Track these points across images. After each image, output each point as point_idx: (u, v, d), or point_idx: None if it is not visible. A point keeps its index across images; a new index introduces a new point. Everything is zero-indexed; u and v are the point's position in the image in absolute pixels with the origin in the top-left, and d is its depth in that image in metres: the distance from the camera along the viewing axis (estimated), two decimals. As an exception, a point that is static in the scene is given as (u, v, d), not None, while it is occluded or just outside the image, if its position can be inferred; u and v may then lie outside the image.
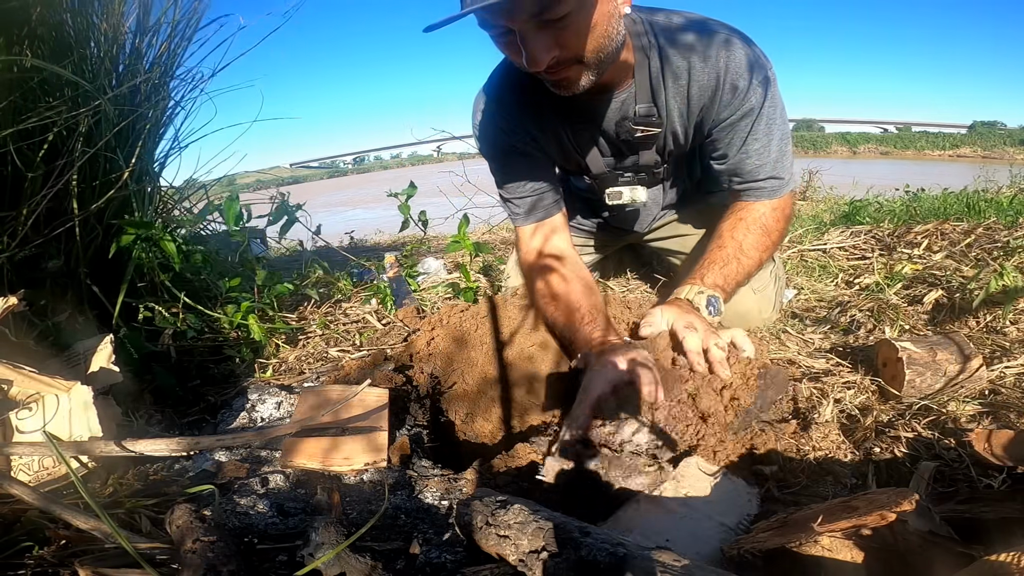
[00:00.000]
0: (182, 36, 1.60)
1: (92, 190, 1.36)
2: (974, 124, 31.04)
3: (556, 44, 0.88)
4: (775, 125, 1.11)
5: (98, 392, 0.92)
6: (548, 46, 0.87)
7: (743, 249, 1.15)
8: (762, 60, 1.06)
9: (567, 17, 0.84)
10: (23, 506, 0.72)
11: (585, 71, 0.94)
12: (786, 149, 1.14)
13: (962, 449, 0.86)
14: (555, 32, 0.86)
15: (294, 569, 0.60)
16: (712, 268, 1.13)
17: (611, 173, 1.29)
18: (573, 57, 0.91)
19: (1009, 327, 1.25)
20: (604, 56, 0.94)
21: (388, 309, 1.62)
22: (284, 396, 1.12)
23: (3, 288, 1.13)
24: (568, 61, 0.91)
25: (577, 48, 0.89)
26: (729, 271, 1.13)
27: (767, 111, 1.08)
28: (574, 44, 0.89)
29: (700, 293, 1.08)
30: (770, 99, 1.07)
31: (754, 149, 1.12)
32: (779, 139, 1.12)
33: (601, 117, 1.13)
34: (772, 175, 1.14)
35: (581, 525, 0.61)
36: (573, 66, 0.93)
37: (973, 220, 2.10)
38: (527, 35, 0.86)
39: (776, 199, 1.17)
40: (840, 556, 0.61)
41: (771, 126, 1.10)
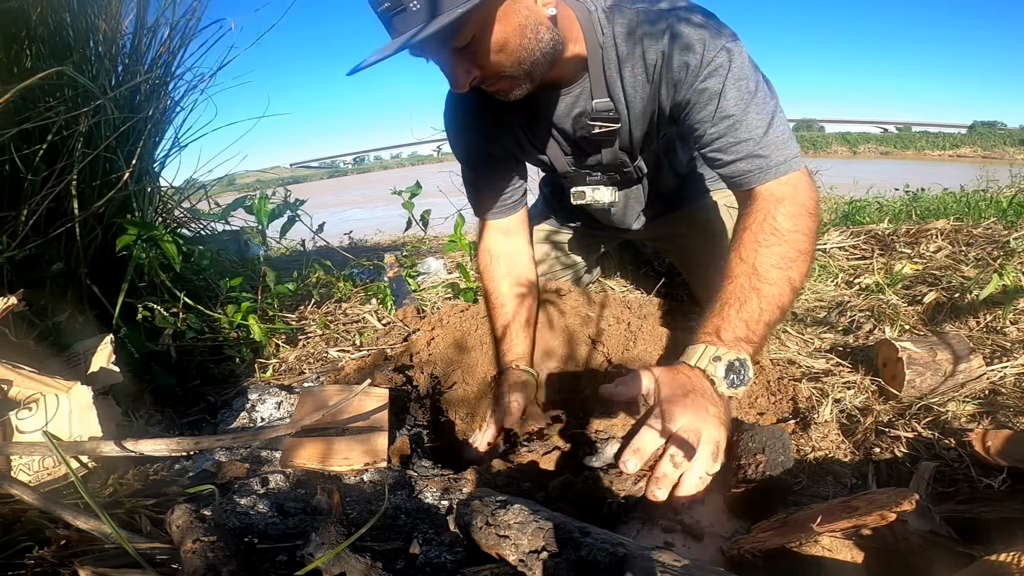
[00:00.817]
0: (181, 36, 1.60)
1: (92, 190, 1.36)
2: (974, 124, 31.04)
3: (473, 66, 0.91)
4: (750, 98, 0.95)
5: (98, 392, 0.92)
6: (466, 69, 0.91)
7: (758, 272, 0.88)
8: (718, 34, 0.95)
9: (473, 42, 0.88)
10: (23, 506, 0.72)
11: (515, 81, 0.96)
12: (774, 124, 0.96)
13: (962, 449, 0.86)
14: (468, 56, 0.90)
15: (294, 569, 0.60)
16: (727, 314, 0.87)
17: (577, 172, 1.25)
18: (493, 75, 0.94)
19: (1009, 327, 1.25)
20: (529, 66, 0.94)
21: (388, 309, 1.62)
22: (284, 396, 1.12)
23: (3, 288, 1.13)
24: (491, 77, 0.94)
25: (493, 66, 0.92)
26: (750, 312, 0.86)
27: (732, 84, 0.94)
28: (489, 63, 0.92)
29: (716, 359, 0.83)
30: (735, 71, 0.94)
31: (728, 126, 0.96)
32: (759, 112, 0.95)
33: (556, 113, 1.12)
34: (756, 153, 0.95)
35: (581, 525, 0.61)
36: (500, 80, 0.95)
37: (973, 220, 2.10)
38: (446, 62, 0.92)
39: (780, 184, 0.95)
40: (840, 556, 0.61)
41: (744, 99, 0.95)
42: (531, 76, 0.96)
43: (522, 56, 0.92)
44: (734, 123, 0.96)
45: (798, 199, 0.93)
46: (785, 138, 0.96)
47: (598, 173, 1.23)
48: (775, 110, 0.97)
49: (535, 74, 0.96)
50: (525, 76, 0.95)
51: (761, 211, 0.93)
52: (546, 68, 0.98)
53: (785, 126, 0.98)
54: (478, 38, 0.88)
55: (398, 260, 2.00)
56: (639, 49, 0.99)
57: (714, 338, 0.85)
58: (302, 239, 2.41)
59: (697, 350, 0.85)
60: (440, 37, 0.84)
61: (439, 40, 0.86)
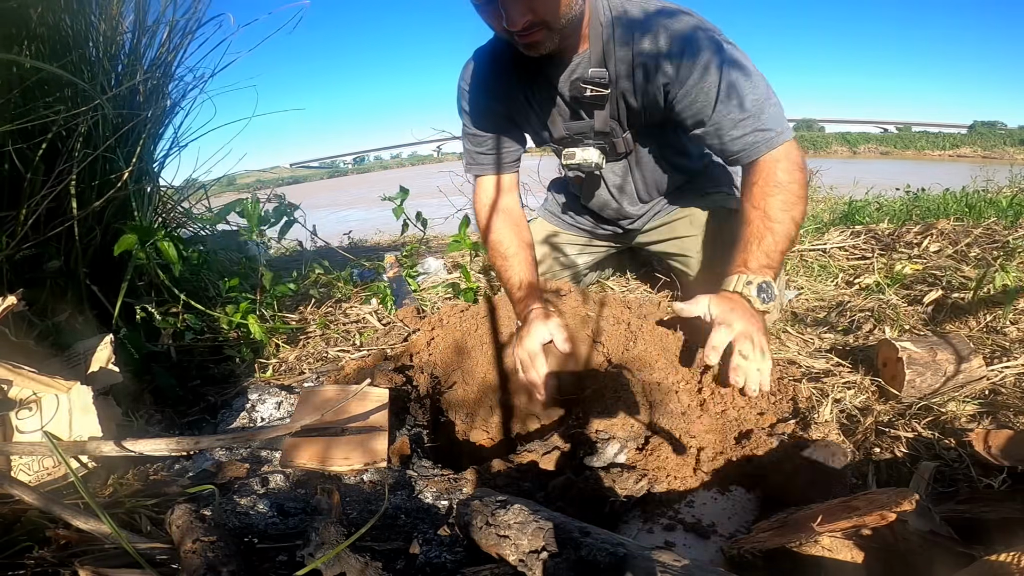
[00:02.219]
0: (181, 36, 1.60)
1: (91, 190, 1.36)
2: (974, 124, 31.02)
3: (529, 9, 1.05)
4: (740, 81, 1.11)
5: (98, 392, 0.92)
6: (523, 11, 1.05)
7: (769, 215, 1.09)
8: (705, 26, 1.11)
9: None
10: (23, 506, 0.72)
11: (551, 35, 1.10)
12: (765, 102, 1.12)
13: (962, 449, 0.86)
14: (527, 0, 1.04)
15: (294, 569, 0.60)
16: (750, 249, 1.08)
17: (571, 137, 1.37)
18: (542, 21, 1.07)
19: (1009, 327, 1.25)
20: (566, 22, 1.09)
21: (388, 309, 1.62)
22: (284, 396, 1.12)
23: (3, 288, 1.13)
24: (539, 24, 1.07)
25: (546, 13, 1.06)
26: (767, 245, 1.07)
27: (724, 70, 1.10)
28: (543, 9, 1.05)
29: (749, 283, 1.04)
30: (724, 59, 1.09)
31: (725, 110, 1.12)
32: (752, 94, 1.11)
33: (558, 78, 1.26)
34: (757, 128, 1.11)
35: (581, 525, 0.61)
36: (542, 30, 1.09)
37: (973, 220, 2.10)
38: (506, 1, 1.04)
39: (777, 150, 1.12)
40: (840, 556, 0.61)
41: (735, 83, 1.10)
42: (563, 33, 1.11)
43: (566, 11, 1.08)
44: (734, 106, 1.11)
45: (791, 158, 1.13)
46: (779, 113, 1.13)
47: (589, 140, 1.36)
48: (763, 87, 1.13)
49: (566, 32, 1.12)
50: (559, 31, 1.10)
51: (765, 170, 1.12)
52: (572, 29, 1.13)
53: (777, 103, 1.14)
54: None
55: (398, 260, 2.00)
56: (634, 34, 1.14)
57: (743, 268, 1.06)
58: (301, 240, 2.41)
59: (732, 279, 1.06)
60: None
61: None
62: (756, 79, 1.12)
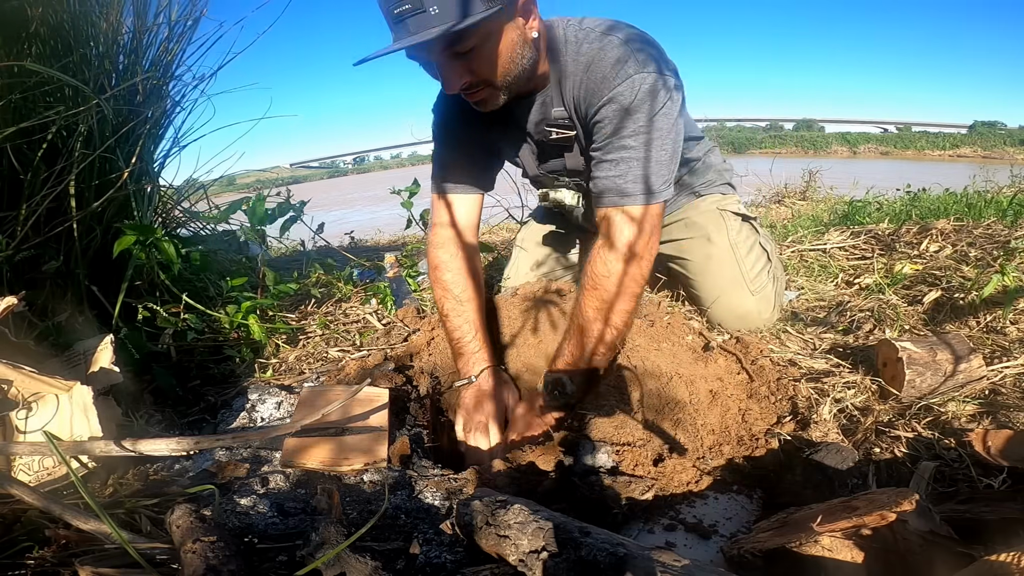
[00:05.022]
0: (181, 36, 1.60)
1: (91, 190, 1.36)
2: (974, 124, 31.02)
3: (467, 71, 1.02)
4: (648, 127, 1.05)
5: (98, 392, 0.92)
6: (460, 74, 1.02)
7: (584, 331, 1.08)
8: (641, 62, 1.04)
9: (474, 50, 0.99)
10: (23, 506, 0.72)
11: (496, 92, 1.08)
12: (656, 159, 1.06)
13: (962, 449, 0.86)
14: (466, 62, 1.01)
15: (294, 569, 0.60)
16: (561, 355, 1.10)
17: (546, 176, 1.36)
18: (483, 81, 1.05)
19: (1009, 327, 1.25)
20: (512, 79, 1.06)
21: (388, 309, 1.62)
22: (284, 396, 1.12)
23: (3, 288, 1.13)
24: (479, 85, 1.06)
25: (486, 74, 1.03)
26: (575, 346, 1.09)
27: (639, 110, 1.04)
28: (482, 71, 1.03)
29: None
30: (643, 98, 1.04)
31: (617, 147, 1.07)
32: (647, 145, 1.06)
33: (525, 120, 1.23)
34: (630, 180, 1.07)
35: (581, 525, 0.61)
36: (485, 89, 1.07)
37: (973, 220, 2.10)
38: (442, 65, 1.02)
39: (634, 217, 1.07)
40: (840, 556, 0.61)
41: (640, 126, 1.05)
42: (510, 89, 1.09)
43: (509, 69, 1.04)
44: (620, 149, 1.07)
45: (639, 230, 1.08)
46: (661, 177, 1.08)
47: (564, 178, 1.35)
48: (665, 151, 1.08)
49: (513, 88, 1.09)
50: (506, 89, 1.08)
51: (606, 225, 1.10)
52: (523, 83, 1.11)
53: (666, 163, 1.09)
54: (478, 48, 0.99)
55: (398, 260, 2.00)
56: (582, 70, 1.11)
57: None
58: (302, 239, 2.41)
59: None
60: (446, 41, 0.95)
61: (444, 43, 0.96)
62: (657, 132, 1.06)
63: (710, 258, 1.44)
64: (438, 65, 1.02)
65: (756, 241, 1.47)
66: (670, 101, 1.06)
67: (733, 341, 1.23)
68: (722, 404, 1.05)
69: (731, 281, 1.41)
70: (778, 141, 32.17)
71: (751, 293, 1.40)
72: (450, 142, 1.31)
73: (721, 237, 1.44)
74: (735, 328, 1.39)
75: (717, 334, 1.37)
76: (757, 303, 1.40)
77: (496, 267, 2.06)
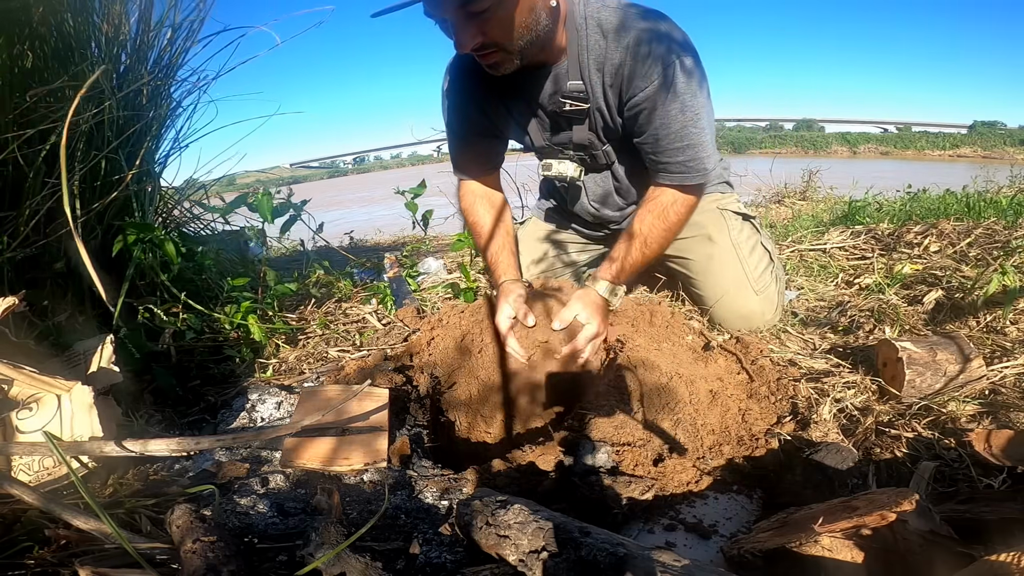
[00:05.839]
0: (184, 39, 1.60)
1: (93, 190, 1.36)
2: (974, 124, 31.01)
3: (480, 32, 1.02)
4: (691, 110, 1.12)
5: (98, 392, 0.92)
6: (473, 34, 1.02)
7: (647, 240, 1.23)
8: (675, 46, 1.10)
9: (489, 9, 0.99)
10: (23, 506, 0.72)
11: (509, 57, 1.08)
12: (702, 139, 1.16)
13: (962, 449, 0.86)
14: (480, 22, 1.01)
15: (294, 569, 0.60)
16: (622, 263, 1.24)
17: (551, 147, 1.38)
18: (495, 44, 1.05)
19: (1009, 327, 1.25)
20: (525, 44, 1.07)
21: (388, 309, 1.62)
22: (284, 396, 1.12)
23: (4, 288, 1.13)
24: (491, 47, 1.05)
25: (499, 36, 1.04)
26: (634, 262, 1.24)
27: (681, 93, 1.11)
28: (496, 33, 1.03)
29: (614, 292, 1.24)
30: (684, 82, 1.10)
31: (666, 128, 1.14)
32: (695, 126, 1.14)
33: (538, 91, 1.25)
34: (684, 160, 1.17)
35: (581, 525, 0.61)
36: (498, 52, 1.07)
37: (973, 220, 2.10)
38: (456, 24, 1.02)
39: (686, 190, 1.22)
40: (840, 556, 0.61)
41: (686, 110, 1.12)
42: (523, 54, 1.09)
43: (523, 33, 1.05)
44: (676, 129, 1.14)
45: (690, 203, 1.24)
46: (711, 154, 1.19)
47: (569, 151, 1.37)
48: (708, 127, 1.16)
49: (527, 53, 1.09)
50: (519, 53, 1.08)
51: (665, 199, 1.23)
52: (537, 50, 1.11)
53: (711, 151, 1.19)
54: (494, 8, 0.99)
55: (398, 260, 2.00)
56: (607, 47, 1.13)
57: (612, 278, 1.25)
58: (302, 239, 2.41)
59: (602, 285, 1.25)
60: None
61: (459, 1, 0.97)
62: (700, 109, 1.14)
63: (712, 258, 1.44)
64: (452, 23, 1.02)
65: (758, 241, 1.47)
66: (704, 85, 1.13)
67: (733, 341, 1.23)
68: (722, 404, 1.05)
69: (734, 281, 1.41)
70: (778, 141, 32.18)
71: (755, 293, 1.40)
72: (460, 128, 1.39)
73: (723, 237, 1.44)
74: (738, 328, 1.39)
75: (717, 334, 1.37)
76: (761, 303, 1.40)
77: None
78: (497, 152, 1.45)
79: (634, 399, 1.03)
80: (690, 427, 0.98)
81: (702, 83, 1.13)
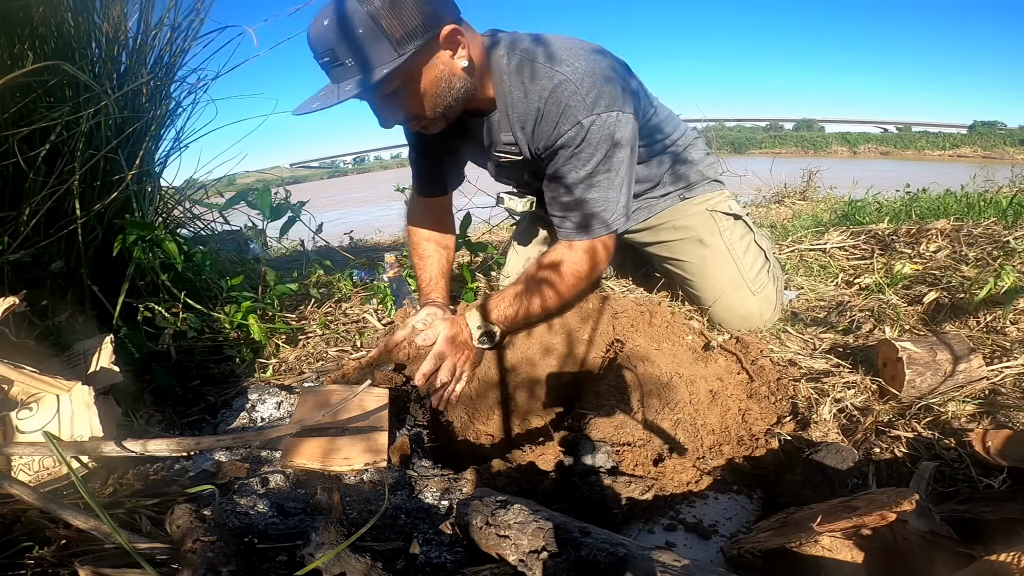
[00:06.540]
0: (183, 39, 1.60)
1: (93, 191, 1.36)
2: (974, 124, 31.00)
3: (396, 111, 1.12)
4: (597, 168, 1.14)
5: (98, 392, 0.92)
6: (391, 113, 1.13)
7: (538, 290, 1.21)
8: (589, 105, 1.10)
9: (396, 92, 1.07)
10: (23, 506, 0.72)
11: (431, 122, 1.15)
12: (605, 198, 1.16)
13: (962, 449, 0.86)
14: (392, 102, 1.09)
15: (294, 569, 0.60)
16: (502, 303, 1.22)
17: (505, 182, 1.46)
18: (413, 116, 1.13)
19: (1009, 327, 1.25)
20: (444, 109, 1.13)
21: (388, 309, 1.62)
22: (284, 396, 1.12)
23: (4, 288, 1.13)
24: (412, 119, 1.15)
25: (415, 110, 1.11)
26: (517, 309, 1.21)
27: (588, 148, 1.12)
28: (411, 108, 1.11)
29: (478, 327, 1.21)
30: (593, 141, 1.11)
31: (565, 184, 1.17)
32: (596, 183, 1.16)
33: (480, 137, 1.30)
34: (576, 216, 1.18)
35: (581, 525, 0.61)
36: (420, 121, 1.15)
37: (973, 220, 2.10)
38: (376, 106, 1.12)
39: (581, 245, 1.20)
40: (840, 556, 0.61)
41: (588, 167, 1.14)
42: (446, 117, 1.15)
43: (437, 102, 1.11)
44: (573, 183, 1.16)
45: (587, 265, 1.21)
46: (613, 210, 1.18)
47: (521, 188, 1.45)
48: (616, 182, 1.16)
49: (449, 115, 1.16)
50: (440, 117, 1.15)
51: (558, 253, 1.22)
52: (459, 109, 1.16)
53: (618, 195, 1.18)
54: (402, 88, 1.07)
55: (398, 260, 2.00)
56: (526, 102, 1.17)
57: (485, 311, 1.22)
58: (301, 239, 2.41)
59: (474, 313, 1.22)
60: (366, 92, 1.03)
61: (365, 93, 1.05)
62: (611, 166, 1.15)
63: (706, 260, 1.44)
64: (372, 107, 1.12)
65: (752, 240, 1.47)
66: (620, 140, 1.13)
67: (733, 341, 1.23)
68: (722, 404, 1.05)
69: (731, 282, 1.41)
70: (778, 141, 32.17)
71: (752, 293, 1.40)
72: (419, 151, 1.44)
73: (715, 239, 1.44)
74: (737, 328, 1.39)
75: (717, 334, 1.37)
76: (759, 302, 1.40)
77: (496, 267, 2.06)
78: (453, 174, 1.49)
79: (634, 399, 1.03)
80: (690, 427, 0.98)
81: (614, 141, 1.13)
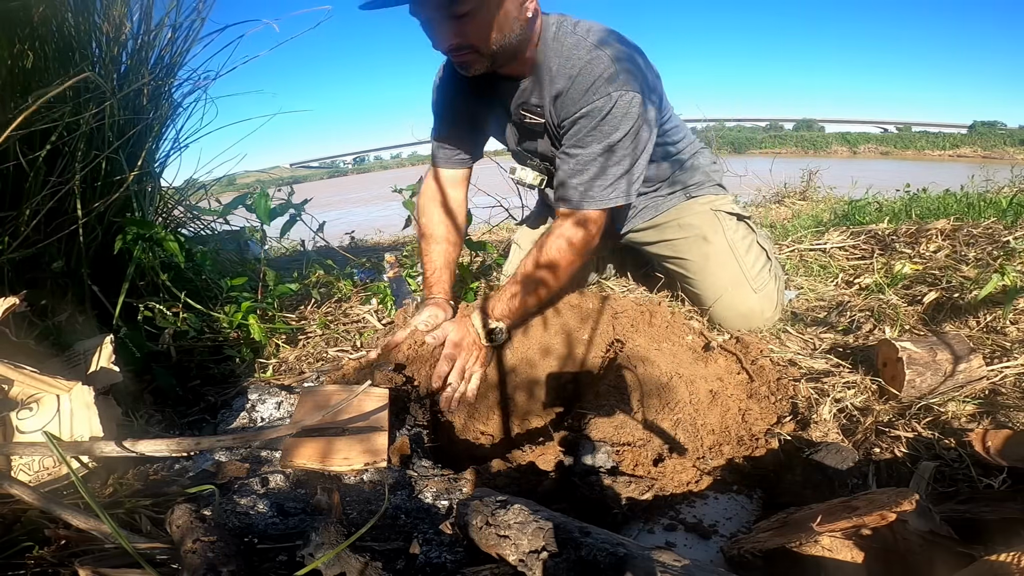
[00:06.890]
0: (184, 39, 1.60)
1: (93, 190, 1.36)
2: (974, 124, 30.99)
3: (458, 34, 1.08)
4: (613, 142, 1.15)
5: (98, 392, 0.92)
6: (449, 36, 1.09)
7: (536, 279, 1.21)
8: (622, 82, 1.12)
9: (468, 14, 1.05)
10: (23, 506, 0.72)
11: (480, 59, 1.14)
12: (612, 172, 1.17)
13: (962, 449, 0.86)
14: (457, 24, 1.06)
15: (294, 569, 0.60)
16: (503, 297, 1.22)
17: (520, 153, 1.46)
18: (471, 46, 1.11)
19: (1009, 327, 1.25)
20: (497, 49, 1.12)
21: (388, 309, 1.62)
22: (284, 396, 1.12)
23: (4, 288, 1.13)
24: (466, 48, 1.11)
25: (475, 39, 1.09)
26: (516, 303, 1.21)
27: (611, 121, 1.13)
28: (473, 36, 1.09)
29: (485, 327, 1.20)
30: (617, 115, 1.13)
31: (578, 152, 1.18)
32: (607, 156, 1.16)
33: (509, 99, 1.31)
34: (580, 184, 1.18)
35: (581, 525, 0.61)
36: (471, 53, 1.13)
37: (973, 220, 2.10)
38: (434, 25, 1.09)
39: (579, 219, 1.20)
40: (840, 556, 0.61)
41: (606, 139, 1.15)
42: (495, 59, 1.15)
43: (497, 38, 1.10)
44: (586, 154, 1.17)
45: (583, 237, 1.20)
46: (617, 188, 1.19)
47: (536, 159, 1.44)
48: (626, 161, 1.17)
49: (499, 58, 1.15)
50: (490, 57, 1.14)
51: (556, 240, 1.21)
52: (508, 58, 1.17)
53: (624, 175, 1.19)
54: (474, 12, 1.05)
55: (398, 260, 2.00)
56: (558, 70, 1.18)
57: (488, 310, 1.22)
58: (302, 239, 2.41)
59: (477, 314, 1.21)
60: (444, 2, 1.02)
61: (441, 2, 1.04)
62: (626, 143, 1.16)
63: (708, 258, 1.44)
64: (433, 22, 1.08)
65: (754, 240, 1.48)
66: (640, 124, 1.15)
67: (733, 341, 1.23)
68: (722, 404, 1.05)
69: (732, 280, 1.41)
70: (778, 141, 32.15)
71: (753, 291, 1.40)
72: (445, 115, 1.42)
73: (718, 237, 1.44)
74: (738, 327, 1.39)
75: (717, 334, 1.37)
76: (760, 301, 1.40)
77: (496, 267, 2.06)
78: (475, 142, 1.47)
79: (634, 399, 1.03)
80: (690, 427, 0.98)
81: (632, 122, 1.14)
